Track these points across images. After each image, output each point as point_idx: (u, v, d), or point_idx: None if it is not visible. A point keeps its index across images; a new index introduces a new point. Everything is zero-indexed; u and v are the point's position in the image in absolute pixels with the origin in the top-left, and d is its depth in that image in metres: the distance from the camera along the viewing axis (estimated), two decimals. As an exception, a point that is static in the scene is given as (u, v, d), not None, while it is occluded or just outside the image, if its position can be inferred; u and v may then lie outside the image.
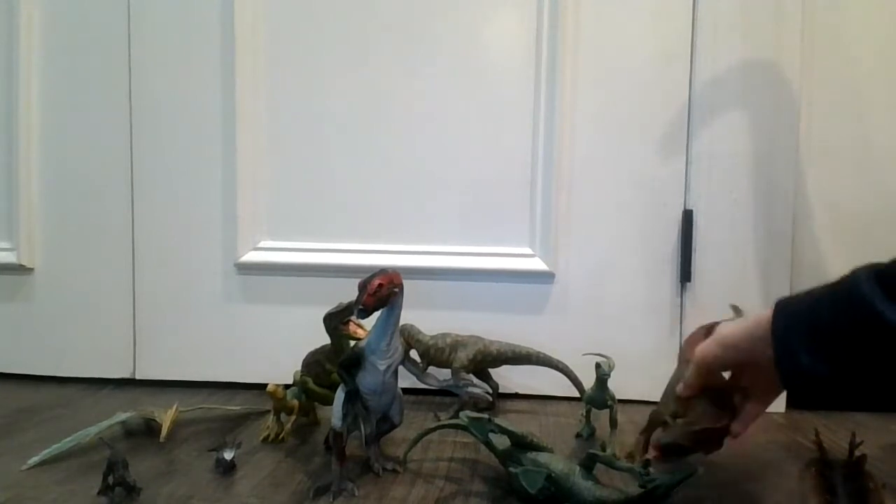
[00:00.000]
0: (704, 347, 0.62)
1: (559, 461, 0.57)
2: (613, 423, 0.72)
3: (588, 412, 0.78)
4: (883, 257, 0.48)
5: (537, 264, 0.93)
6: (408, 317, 0.68)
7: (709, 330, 0.73)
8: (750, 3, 0.88)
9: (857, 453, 0.56)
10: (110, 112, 0.99)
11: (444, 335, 0.85)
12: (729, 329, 0.60)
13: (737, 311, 0.73)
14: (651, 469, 0.54)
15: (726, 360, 0.61)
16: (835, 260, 0.92)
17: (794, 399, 0.54)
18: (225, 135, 0.97)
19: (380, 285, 0.57)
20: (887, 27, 0.91)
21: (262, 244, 0.98)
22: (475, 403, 0.84)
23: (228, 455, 0.65)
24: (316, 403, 0.78)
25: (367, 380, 0.61)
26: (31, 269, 1.01)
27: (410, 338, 0.86)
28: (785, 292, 0.62)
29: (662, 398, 0.67)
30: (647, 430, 0.67)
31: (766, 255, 0.89)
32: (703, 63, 0.90)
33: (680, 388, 0.64)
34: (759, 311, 0.57)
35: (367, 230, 0.96)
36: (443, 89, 0.94)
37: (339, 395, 0.62)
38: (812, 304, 0.52)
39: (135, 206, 0.99)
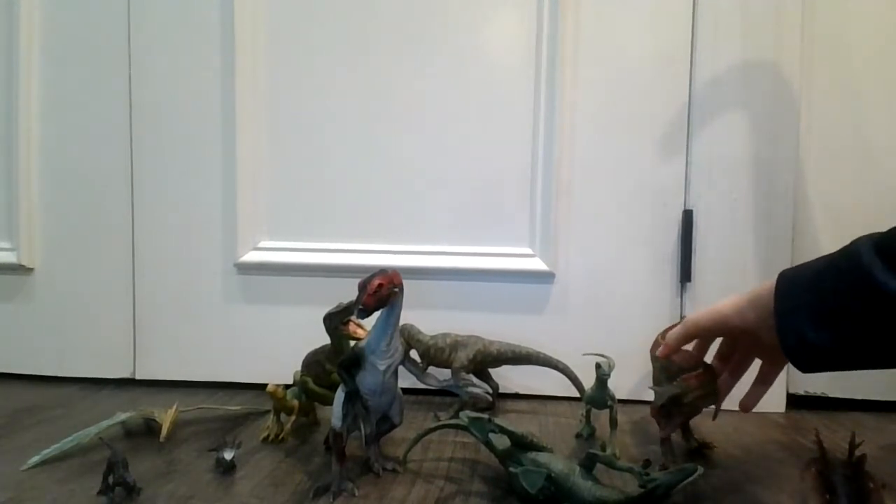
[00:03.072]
0: (696, 315, 0.63)
1: (559, 461, 0.57)
2: (613, 423, 0.72)
3: (588, 412, 0.78)
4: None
5: (537, 264, 0.93)
6: (408, 317, 0.69)
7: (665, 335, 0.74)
8: (750, 3, 0.88)
9: (857, 453, 0.56)
10: (110, 112, 0.99)
11: (444, 335, 0.85)
12: (724, 301, 0.61)
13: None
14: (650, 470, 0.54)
15: (714, 329, 0.62)
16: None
17: (800, 370, 0.54)
18: (225, 135, 0.97)
19: (380, 285, 0.57)
20: (887, 27, 0.91)
21: (262, 244, 0.98)
22: (475, 403, 0.84)
23: (228, 455, 0.65)
24: (316, 403, 0.78)
25: (367, 380, 0.61)
26: (31, 269, 1.01)
27: (410, 338, 0.86)
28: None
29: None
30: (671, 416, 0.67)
31: (766, 254, 0.89)
32: (703, 63, 0.90)
33: (660, 350, 0.66)
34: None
35: (367, 230, 0.96)
36: (443, 89, 0.94)
37: (339, 395, 0.62)
38: (814, 276, 0.52)
39: (135, 206, 0.99)
